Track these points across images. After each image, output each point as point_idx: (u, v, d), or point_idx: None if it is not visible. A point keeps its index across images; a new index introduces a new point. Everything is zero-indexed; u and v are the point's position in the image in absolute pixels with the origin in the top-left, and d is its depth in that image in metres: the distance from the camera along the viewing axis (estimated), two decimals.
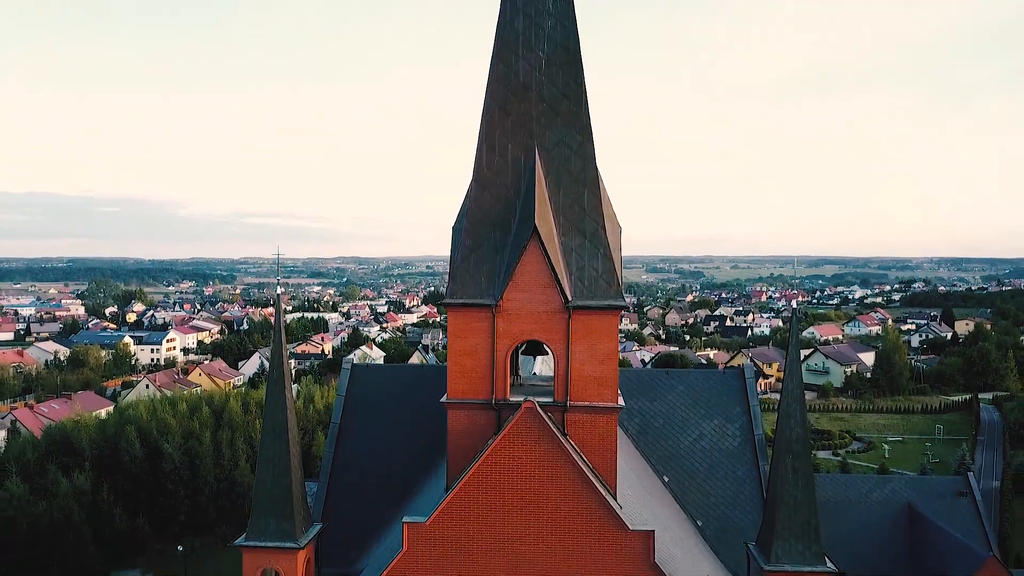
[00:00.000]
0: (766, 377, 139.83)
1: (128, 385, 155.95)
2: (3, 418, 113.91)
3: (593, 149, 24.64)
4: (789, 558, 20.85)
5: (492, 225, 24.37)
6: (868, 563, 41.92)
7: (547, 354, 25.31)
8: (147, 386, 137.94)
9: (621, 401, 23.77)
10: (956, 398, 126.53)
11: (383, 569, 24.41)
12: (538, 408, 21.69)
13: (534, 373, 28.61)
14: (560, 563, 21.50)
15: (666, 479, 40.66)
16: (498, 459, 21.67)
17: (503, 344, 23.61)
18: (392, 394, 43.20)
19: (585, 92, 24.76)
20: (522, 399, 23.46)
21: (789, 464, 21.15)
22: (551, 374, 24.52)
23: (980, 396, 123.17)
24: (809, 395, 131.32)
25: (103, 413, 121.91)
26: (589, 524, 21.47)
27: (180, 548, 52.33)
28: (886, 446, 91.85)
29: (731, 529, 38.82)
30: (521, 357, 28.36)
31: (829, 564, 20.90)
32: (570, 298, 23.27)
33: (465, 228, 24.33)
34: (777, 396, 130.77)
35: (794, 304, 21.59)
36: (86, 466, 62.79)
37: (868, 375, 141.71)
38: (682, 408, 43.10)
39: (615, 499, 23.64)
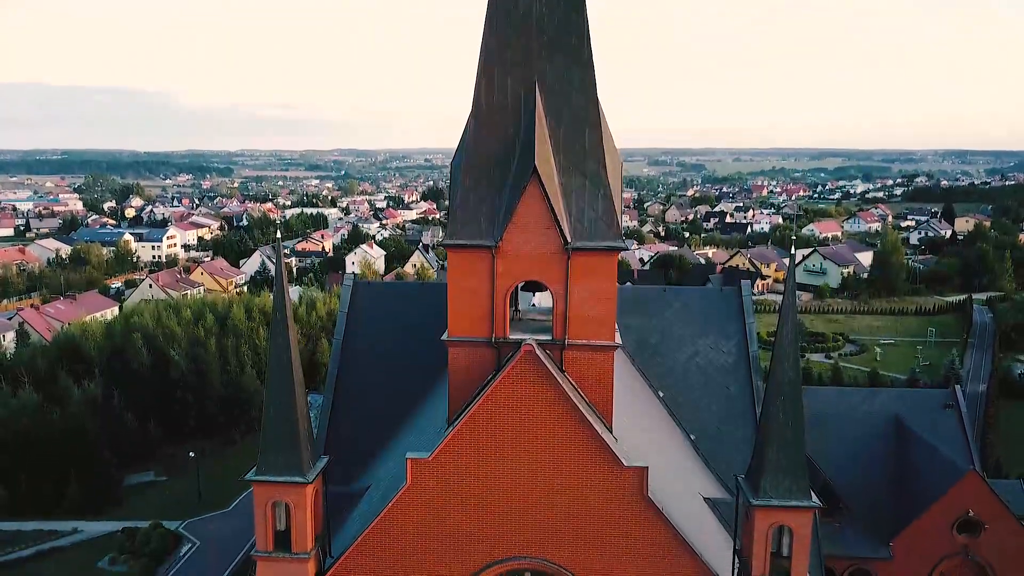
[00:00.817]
0: (763, 278, 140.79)
1: (131, 284, 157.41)
2: (10, 319, 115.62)
3: (595, 85, 24.16)
4: (776, 493, 21.78)
5: (491, 164, 24.17)
6: (854, 475, 43.59)
7: (546, 289, 25.57)
8: (150, 286, 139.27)
9: (618, 339, 24.22)
10: (951, 299, 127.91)
11: (387, 495, 25.57)
12: (537, 351, 22.15)
13: (533, 304, 28.92)
14: (557, 497, 22.49)
15: (661, 395, 41.81)
16: (498, 399, 22.33)
17: (502, 284, 23.85)
18: (394, 311, 43.91)
19: (587, 25, 24.06)
20: (522, 338, 23.94)
21: (780, 405, 21.80)
22: (550, 305, 24.80)
23: (975, 297, 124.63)
24: (805, 296, 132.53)
25: (108, 314, 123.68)
26: (585, 461, 22.33)
27: (192, 454, 54.23)
28: (878, 349, 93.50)
29: (723, 443, 40.22)
30: (520, 290, 28.64)
31: (814, 499, 21.84)
32: (569, 240, 23.34)
33: (464, 167, 24.15)
34: (774, 297, 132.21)
35: (792, 249, 21.66)
36: (95, 373, 64.28)
37: (865, 276, 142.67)
38: (678, 325, 43.86)
39: (611, 431, 24.50)
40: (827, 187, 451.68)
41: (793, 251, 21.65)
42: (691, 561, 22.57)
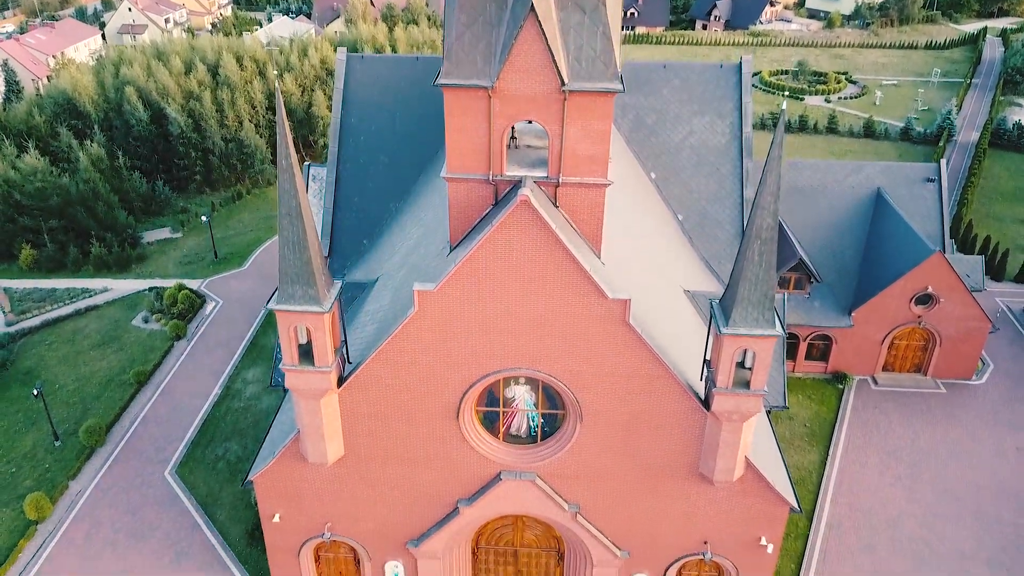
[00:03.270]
0: (773, 4, 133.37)
1: (108, 5, 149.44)
2: None
3: None
4: (745, 323, 24.40)
5: None
6: (830, 248, 46.62)
7: None
8: (129, 9, 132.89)
9: (610, 177, 25.34)
10: (966, 28, 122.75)
11: (396, 307, 28.33)
12: (531, 200, 23.37)
13: (530, 121, 29.35)
14: (549, 322, 25.16)
15: (653, 176, 43.42)
16: (495, 243, 24.05)
17: (499, 124, 24.48)
18: (388, 85, 44.10)
19: None
20: (518, 175, 25.11)
21: (757, 248, 23.60)
22: (545, 129, 25.36)
23: (990, 27, 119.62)
24: (814, 26, 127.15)
25: (91, 43, 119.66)
26: (575, 295, 24.65)
27: (204, 218, 56.47)
28: (879, 92, 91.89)
29: (708, 223, 42.71)
30: None
31: (777, 328, 24.49)
32: (566, 80, 23.54)
33: (459, 1, 23.57)
34: (782, 27, 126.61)
35: (784, 106, 22.10)
36: (96, 130, 64.59)
37: (879, 2, 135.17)
38: (676, 103, 44.28)
39: (599, 258, 26.63)
40: None
41: (784, 107, 21.99)
42: (663, 373, 25.82)
